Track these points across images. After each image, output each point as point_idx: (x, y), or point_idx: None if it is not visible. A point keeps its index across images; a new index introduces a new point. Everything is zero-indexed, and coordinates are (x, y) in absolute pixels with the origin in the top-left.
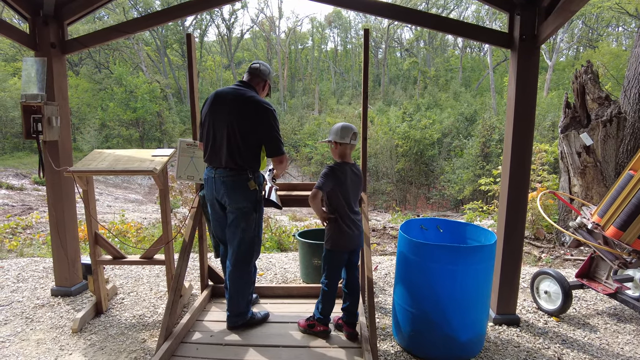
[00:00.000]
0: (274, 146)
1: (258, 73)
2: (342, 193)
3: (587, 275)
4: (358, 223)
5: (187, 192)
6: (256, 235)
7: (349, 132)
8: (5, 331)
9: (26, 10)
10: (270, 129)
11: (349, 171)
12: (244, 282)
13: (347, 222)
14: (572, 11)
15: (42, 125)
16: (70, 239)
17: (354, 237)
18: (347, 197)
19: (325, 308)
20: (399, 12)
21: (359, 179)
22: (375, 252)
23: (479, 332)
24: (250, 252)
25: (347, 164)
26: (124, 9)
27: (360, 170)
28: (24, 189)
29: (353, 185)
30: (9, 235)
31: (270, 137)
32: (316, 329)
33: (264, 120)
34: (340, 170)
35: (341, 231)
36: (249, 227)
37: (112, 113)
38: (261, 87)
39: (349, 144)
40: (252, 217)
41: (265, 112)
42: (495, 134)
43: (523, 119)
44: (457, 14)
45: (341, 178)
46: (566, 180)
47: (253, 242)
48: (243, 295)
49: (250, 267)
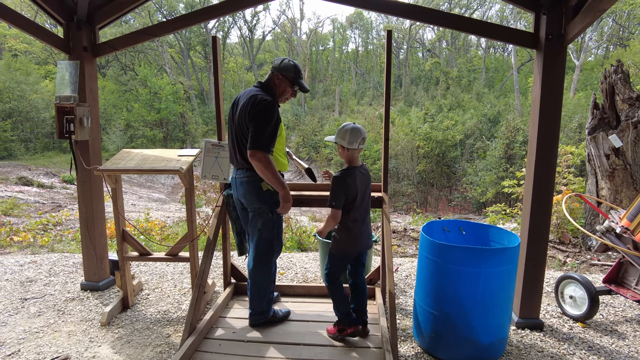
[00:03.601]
0: (251, 138)
1: (271, 68)
2: (352, 197)
3: (615, 280)
4: (367, 224)
5: (211, 192)
6: (275, 236)
7: (358, 137)
8: (39, 322)
9: (61, 15)
10: (255, 120)
11: (358, 175)
12: (264, 281)
13: (358, 225)
14: (602, 10)
15: (75, 126)
16: (99, 235)
17: (363, 239)
18: (357, 200)
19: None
20: (421, 13)
21: (367, 178)
22: (396, 253)
23: (501, 335)
24: (269, 251)
25: (355, 168)
26: (149, 12)
27: (368, 169)
28: (53, 187)
29: (362, 188)
30: (41, 231)
31: (253, 128)
32: (347, 331)
33: (254, 112)
34: (349, 177)
35: (350, 233)
36: (265, 227)
37: (136, 114)
38: (273, 83)
39: (357, 149)
40: (269, 218)
41: (257, 105)
42: (519, 135)
43: (548, 120)
44: (481, 13)
45: (350, 184)
46: (593, 183)
47: (271, 242)
48: (263, 294)
49: (269, 267)
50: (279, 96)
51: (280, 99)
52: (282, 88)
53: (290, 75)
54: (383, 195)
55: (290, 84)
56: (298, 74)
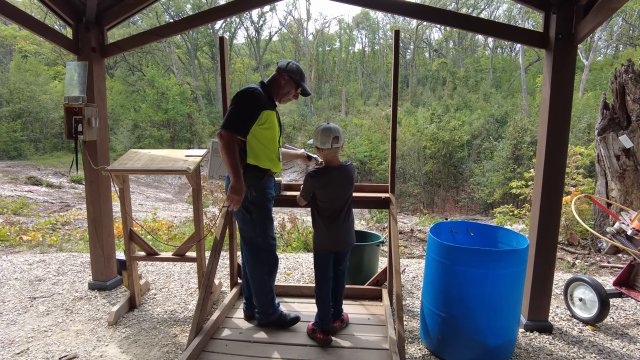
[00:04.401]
0: (223, 119)
1: (276, 69)
2: (324, 196)
3: (626, 283)
4: (345, 224)
5: (218, 192)
6: (258, 235)
7: (329, 137)
8: (47, 321)
9: (70, 17)
10: (231, 103)
11: (333, 175)
12: (256, 280)
13: (332, 224)
14: (613, 8)
15: (83, 126)
16: (106, 235)
17: (339, 238)
18: (329, 199)
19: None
20: (428, 13)
21: (347, 179)
22: (403, 254)
23: (509, 338)
24: (254, 252)
25: (332, 169)
26: (157, 13)
27: (351, 169)
28: (62, 187)
29: (336, 188)
30: (50, 230)
31: (228, 111)
32: (316, 335)
33: (232, 99)
34: (319, 176)
35: (323, 232)
36: (245, 226)
37: (144, 114)
38: (278, 82)
39: (331, 149)
40: (246, 217)
41: (237, 93)
42: (527, 136)
43: (558, 121)
44: (488, 13)
45: (322, 183)
46: (603, 184)
47: (254, 241)
48: (258, 295)
49: (258, 267)
50: (282, 96)
51: (283, 99)
52: (287, 89)
53: (296, 78)
54: (390, 196)
55: (295, 86)
56: (302, 77)
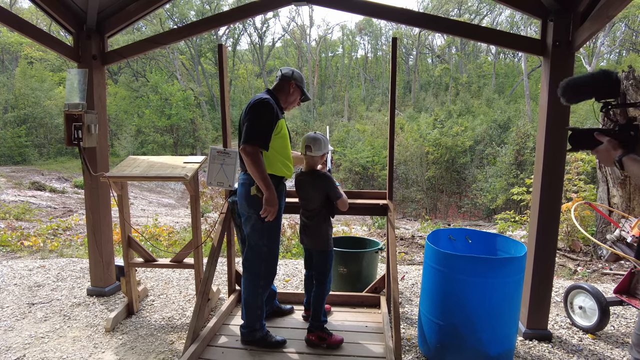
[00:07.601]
0: (244, 134)
1: (281, 76)
2: (300, 196)
3: (626, 291)
4: (310, 226)
5: (218, 198)
6: (265, 245)
7: (303, 145)
8: (45, 327)
9: (71, 25)
10: (249, 116)
11: (303, 179)
12: (249, 293)
13: (302, 223)
14: (610, 16)
15: (82, 133)
16: (105, 241)
17: (305, 237)
18: (303, 199)
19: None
20: (429, 21)
21: (313, 185)
22: (403, 261)
23: (508, 346)
24: (255, 260)
25: (304, 173)
26: (161, 19)
27: (322, 176)
28: (65, 192)
29: (306, 192)
30: (51, 236)
31: (246, 124)
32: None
33: (247, 110)
34: (296, 178)
35: (300, 227)
36: (253, 234)
37: (147, 120)
38: (286, 90)
39: (306, 155)
40: (257, 225)
41: (251, 103)
42: (530, 141)
43: (556, 127)
44: (490, 19)
45: (295, 184)
46: (605, 191)
47: (259, 251)
48: (248, 307)
49: (257, 279)
50: (289, 104)
51: (289, 106)
52: (295, 97)
53: (302, 86)
54: (388, 203)
55: (301, 94)
56: (304, 84)
